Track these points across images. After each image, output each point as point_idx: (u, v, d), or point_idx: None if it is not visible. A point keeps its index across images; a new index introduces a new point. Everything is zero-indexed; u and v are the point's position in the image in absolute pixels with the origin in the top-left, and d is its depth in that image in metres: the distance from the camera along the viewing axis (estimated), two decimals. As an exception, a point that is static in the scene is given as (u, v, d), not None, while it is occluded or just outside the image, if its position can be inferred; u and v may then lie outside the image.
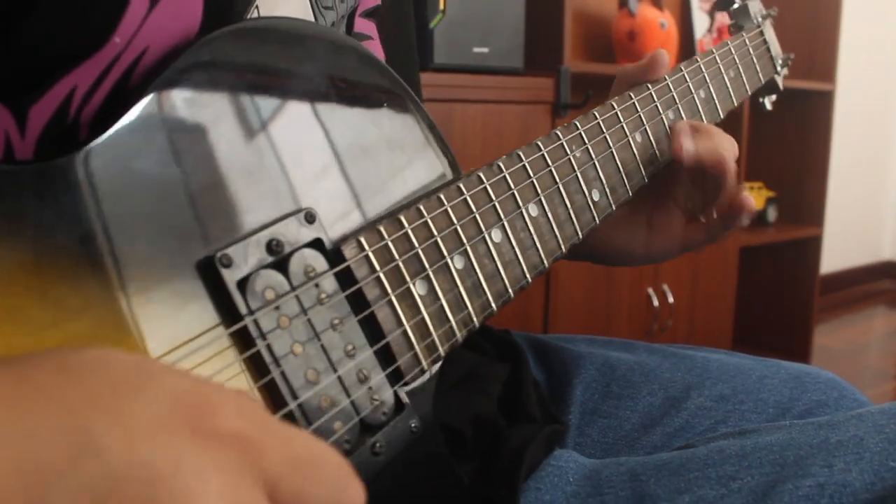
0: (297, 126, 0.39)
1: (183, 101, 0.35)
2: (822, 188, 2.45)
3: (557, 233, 0.49)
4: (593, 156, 0.53)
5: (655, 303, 1.92)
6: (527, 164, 0.48)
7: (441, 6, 1.41)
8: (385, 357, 0.39)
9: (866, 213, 3.46)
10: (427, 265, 0.41)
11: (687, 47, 2.26)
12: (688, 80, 0.63)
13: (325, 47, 0.41)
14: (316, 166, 0.39)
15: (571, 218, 0.50)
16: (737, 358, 0.66)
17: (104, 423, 0.21)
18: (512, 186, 0.46)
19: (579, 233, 0.51)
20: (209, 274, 0.34)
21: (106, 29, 0.33)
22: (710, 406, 0.61)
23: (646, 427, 0.60)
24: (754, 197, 2.48)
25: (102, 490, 0.20)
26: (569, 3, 1.64)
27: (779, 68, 0.79)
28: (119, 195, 0.32)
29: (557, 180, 0.50)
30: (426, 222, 0.41)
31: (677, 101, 0.61)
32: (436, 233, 0.42)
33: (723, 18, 2.34)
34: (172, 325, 0.32)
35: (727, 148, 0.58)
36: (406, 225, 0.40)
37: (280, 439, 0.24)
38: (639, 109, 0.58)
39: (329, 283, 0.37)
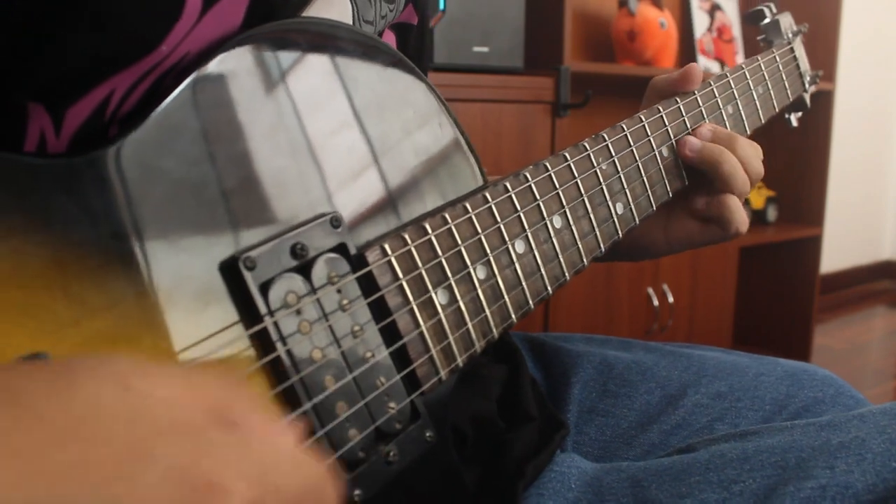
0: (328, 127, 0.38)
1: (210, 101, 0.34)
2: (822, 188, 2.45)
3: (580, 245, 0.49)
4: (619, 169, 0.52)
5: (655, 302, 1.91)
6: (553, 175, 0.47)
7: (441, 6, 1.41)
8: (402, 363, 0.39)
9: (866, 213, 3.46)
10: (450, 274, 0.41)
11: (687, 47, 2.26)
12: (717, 94, 0.63)
13: (358, 49, 0.41)
14: (345, 169, 0.39)
15: (595, 230, 0.50)
16: (733, 356, 0.66)
17: None
18: (538, 197, 0.46)
19: (602, 245, 0.50)
20: (232, 275, 0.33)
21: (156, 39, 0.34)
22: (706, 403, 0.61)
23: (643, 425, 0.60)
24: (754, 197, 2.49)
25: None
26: (569, 2, 1.63)
27: (807, 85, 0.78)
28: (146, 192, 0.32)
29: (583, 192, 0.49)
30: (450, 230, 0.41)
31: (705, 117, 0.61)
32: (460, 242, 0.41)
33: (723, 18, 2.34)
34: (194, 325, 0.32)
35: (731, 156, 0.58)
36: (430, 232, 0.40)
37: (276, 488, 0.25)
38: (666, 123, 0.58)
39: (351, 289, 0.37)
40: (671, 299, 1.94)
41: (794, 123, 0.83)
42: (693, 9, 2.26)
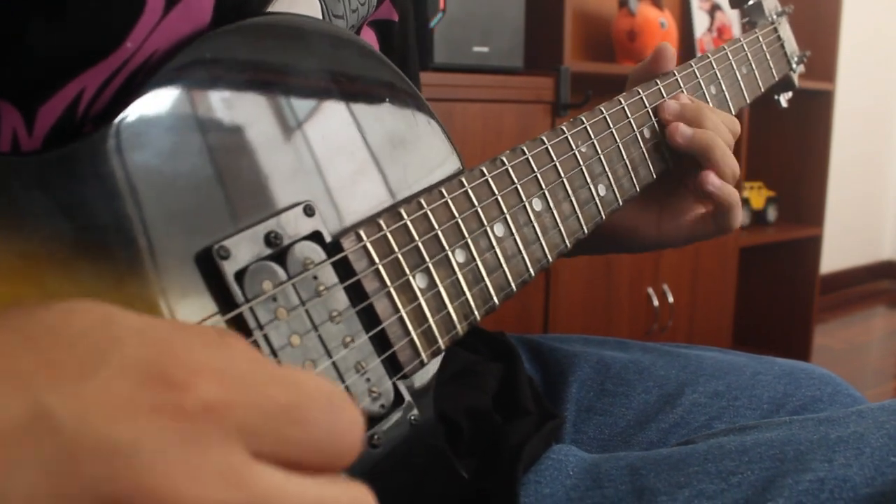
0: (299, 119, 0.39)
1: (182, 95, 0.35)
2: (822, 188, 2.45)
3: (562, 227, 0.48)
4: (599, 150, 0.52)
5: (655, 302, 1.92)
6: (530, 159, 0.47)
7: (441, 6, 1.41)
8: (383, 347, 0.39)
9: (866, 213, 3.46)
10: (427, 258, 0.41)
11: (687, 47, 2.26)
12: (698, 75, 0.63)
13: (328, 41, 0.41)
14: (318, 159, 0.39)
15: (576, 212, 0.50)
16: (731, 355, 0.67)
17: (62, 399, 0.20)
18: (515, 181, 0.46)
19: (584, 227, 0.50)
20: (208, 265, 0.34)
21: (119, 35, 0.34)
22: (704, 402, 0.61)
23: (641, 424, 0.60)
24: (754, 197, 2.49)
25: (60, 467, 0.20)
26: (569, 2, 1.64)
27: (794, 66, 0.78)
28: (119, 186, 0.32)
29: (562, 174, 0.49)
30: (426, 215, 0.41)
31: None
32: (436, 226, 0.41)
33: (723, 18, 2.34)
34: (171, 316, 0.32)
35: (719, 131, 0.58)
36: (405, 217, 0.40)
37: (252, 391, 0.22)
38: (647, 105, 0.57)
39: (328, 276, 0.37)
40: (671, 299, 1.94)
41: (784, 104, 0.83)
42: (693, 9, 2.26)
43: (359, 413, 0.24)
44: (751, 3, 0.76)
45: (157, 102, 0.34)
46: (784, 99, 0.83)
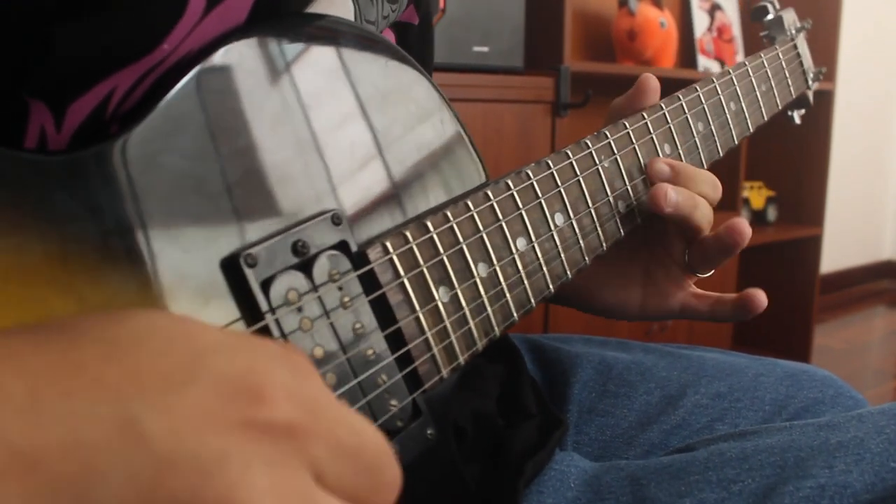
0: (332, 121, 0.38)
1: (211, 97, 0.34)
2: (822, 188, 2.45)
3: (582, 243, 0.48)
4: (622, 166, 0.52)
5: (655, 302, 1.91)
6: (555, 173, 0.47)
7: (441, 5, 1.41)
8: (404, 362, 0.38)
9: (866, 212, 3.46)
10: (451, 272, 0.40)
11: (687, 47, 2.26)
12: (719, 91, 0.62)
13: (361, 45, 0.40)
14: (350, 163, 0.39)
15: (597, 229, 0.50)
16: (732, 357, 0.67)
17: (152, 413, 0.21)
18: (539, 195, 0.46)
19: (604, 244, 0.50)
20: (234, 272, 0.33)
21: (158, 36, 0.33)
22: (706, 404, 0.61)
23: (643, 425, 0.60)
24: (754, 197, 2.49)
25: (149, 480, 0.20)
26: (569, 2, 1.63)
27: (810, 82, 0.78)
28: (146, 189, 0.32)
29: (585, 190, 0.49)
30: (452, 228, 0.41)
31: (707, 113, 0.61)
32: (461, 239, 0.41)
33: (723, 18, 2.34)
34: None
35: (702, 199, 0.54)
36: (432, 230, 0.40)
37: (327, 425, 0.24)
38: (669, 120, 0.57)
39: (352, 286, 0.37)
40: (671, 299, 1.94)
41: (797, 121, 0.82)
42: (693, 9, 2.26)
43: (399, 472, 0.25)
44: (770, 17, 0.75)
45: (185, 104, 0.33)
46: (798, 115, 0.82)
